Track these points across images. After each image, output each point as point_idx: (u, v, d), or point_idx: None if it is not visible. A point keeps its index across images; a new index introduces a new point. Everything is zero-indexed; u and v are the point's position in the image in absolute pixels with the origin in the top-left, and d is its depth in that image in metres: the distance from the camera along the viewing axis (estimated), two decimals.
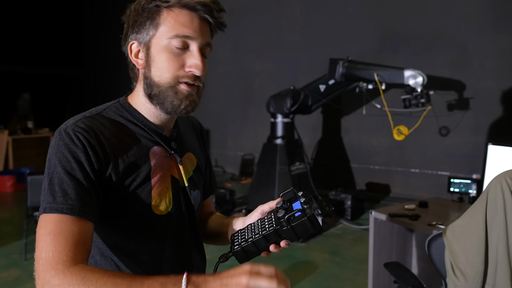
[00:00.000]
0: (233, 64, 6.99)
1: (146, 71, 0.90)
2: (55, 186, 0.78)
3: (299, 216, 0.84)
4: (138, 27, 0.89)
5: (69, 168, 0.79)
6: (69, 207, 0.77)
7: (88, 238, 0.78)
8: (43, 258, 0.72)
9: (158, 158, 0.92)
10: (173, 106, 0.89)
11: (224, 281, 0.68)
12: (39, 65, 9.18)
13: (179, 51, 0.87)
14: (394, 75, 4.26)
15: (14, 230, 4.51)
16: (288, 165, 4.70)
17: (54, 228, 0.74)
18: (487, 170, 2.39)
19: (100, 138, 0.85)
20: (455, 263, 1.49)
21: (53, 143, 0.83)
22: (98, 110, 0.92)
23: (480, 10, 4.73)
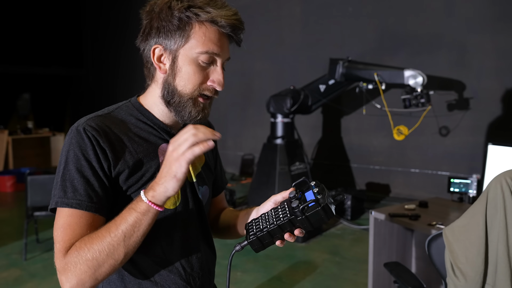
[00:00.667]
0: (233, 64, 6.97)
1: (169, 78, 0.93)
2: (66, 182, 0.85)
3: (313, 206, 0.84)
4: (165, 33, 0.91)
5: (79, 166, 0.85)
6: (77, 202, 0.84)
7: (96, 225, 0.85)
8: (56, 249, 0.83)
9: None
10: (190, 116, 0.93)
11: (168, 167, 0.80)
12: (39, 65, 9.19)
13: (205, 65, 0.92)
14: (394, 75, 4.26)
15: (14, 230, 4.51)
16: (288, 165, 4.70)
17: (64, 222, 0.84)
18: (487, 170, 2.39)
19: (109, 136, 0.89)
20: (455, 263, 1.49)
21: (67, 140, 0.89)
22: (110, 110, 0.96)
23: (480, 10, 4.73)
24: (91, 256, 0.79)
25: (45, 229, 4.42)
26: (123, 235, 0.80)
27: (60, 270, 0.81)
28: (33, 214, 3.60)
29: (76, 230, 0.83)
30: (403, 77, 4.17)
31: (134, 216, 0.81)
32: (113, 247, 0.80)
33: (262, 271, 3.42)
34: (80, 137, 0.87)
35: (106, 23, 9.54)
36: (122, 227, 0.81)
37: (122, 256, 0.82)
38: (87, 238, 0.81)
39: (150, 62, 0.95)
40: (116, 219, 0.82)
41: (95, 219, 0.85)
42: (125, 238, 0.81)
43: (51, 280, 3.30)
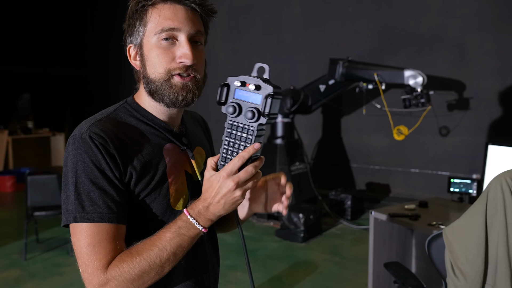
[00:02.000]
0: (233, 64, 6.99)
1: (142, 70, 0.93)
2: (82, 195, 0.82)
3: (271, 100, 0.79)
4: (131, 31, 0.93)
5: (93, 177, 0.83)
6: (99, 216, 0.82)
7: (121, 239, 0.85)
8: (87, 269, 0.81)
9: (172, 155, 0.95)
10: (171, 100, 0.90)
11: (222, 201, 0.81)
12: (39, 65, 9.18)
13: (168, 45, 0.89)
14: (394, 75, 4.26)
15: (14, 230, 4.51)
16: (288, 165, 4.70)
17: (91, 239, 0.81)
18: (487, 170, 2.39)
19: (115, 142, 0.86)
20: (455, 263, 1.49)
21: (71, 150, 0.85)
22: (108, 112, 0.94)
23: (480, 10, 4.73)
24: (136, 274, 0.80)
25: (45, 229, 4.42)
26: (173, 256, 0.83)
27: (100, 285, 0.80)
28: (33, 214, 3.60)
29: (107, 246, 0.82)
30: (403, 77, 4.17)
31: (186, 241, 0.83)
32: (161, 268, 0.82)
33: (262, 271, 3.42)
34: (87, 146, 0.83)
35: (106, 23, 9.54)
36: (172, 249, 0.82)
37: (167, 271, 0.84)
38: (129, 255, 0.81)
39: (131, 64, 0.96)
40: (164, 243, 0.82)
41: (119, 229, 0.84)
42: (174, 258, 0.83)
43: (51, 280, 3.31)
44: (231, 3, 6.95)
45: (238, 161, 0.80)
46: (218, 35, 7.15)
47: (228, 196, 0.80)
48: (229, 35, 7.06)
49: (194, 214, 0.83)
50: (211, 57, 7.41)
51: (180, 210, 0.93)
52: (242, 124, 0.82)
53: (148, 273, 0.81)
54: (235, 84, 0.83)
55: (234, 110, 0.82)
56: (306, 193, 4.84)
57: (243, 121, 0.82)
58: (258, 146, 0.81)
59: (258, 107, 0.80)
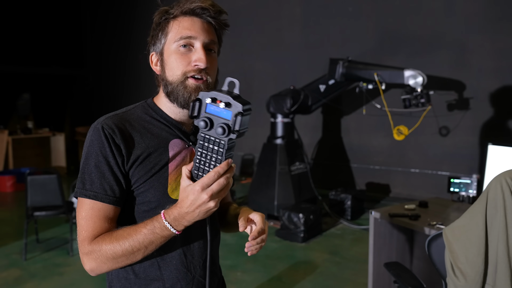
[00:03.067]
0: (233, 64, 6.99)
1: (162, 74, 1.04)
2: (85, 175, 0.98)
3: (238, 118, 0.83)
4: (154, 40, 1.05)
5: (97, 162, 0.97)
6: (94, 194, 0.96)
7: (111, 218, 0.98)
8: (81, 235, 0.97)
9: (177, 149, 1.05)
10: (184, 99, 1.01)
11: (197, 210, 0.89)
12: (39, 65, 9.18)
13: (185, 51, 1.01)
14: (394, 75, 4.26)
15: (14, 230, 4.51)
16: (288, 165, 4.70)
17: (86, 213, 0.97)
18: (487, 170, 2.39)
19: (124, 133, 0.99)
20: (455, 263, 1.49)
21: (88, 136, 1.00)
22: (128, 109, 1.07)
23: (480, 10, 4.73)
24: (111, 255, 0.94)
25: (45, 229, 4.42)
26: (144, 249, 0.94)
27: (84, 253, 0.96)
28: (33, 214, 3.60)
29: (96, 222, 0.96)
30: (403, 77, 4.17)
31: (158, 240, 0.93)
32: (133, 255, 0.94)
33: (262, 271, 3.42)
34: (98, 135, 0.97)
35: (106, 23, 9.54)
36: (145, 244, 0.93)
37: (138, 259, 0.96)
38: (111, 236, 0.94)
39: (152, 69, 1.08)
40: (139, 237, 0.93)
41: (112, 210, 0.98)
42: (145, 251, 0.95)
43: (51, 280, 3.31)
44: (231, 3, 6.95)
45: (213, 176, 0.87)
46: None
47: (202, 207, 0.89)
48: (229, 35, 7.03)
49: (169, 219, 0.92)
50: None
51: (175, 199, 1.00)
52: (214, 138, 0.87)
53: (120, 257, 0.94)
54: (206, 100, 0.87)
55: (205, 125, 0.87)
56: (306, 193, 4.84)
57: (214, 135, 0.87)
58: (230, 161, 0.89)
59: (229, 123, 0.84)
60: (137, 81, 8.19)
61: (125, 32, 8.80)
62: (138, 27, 8.19)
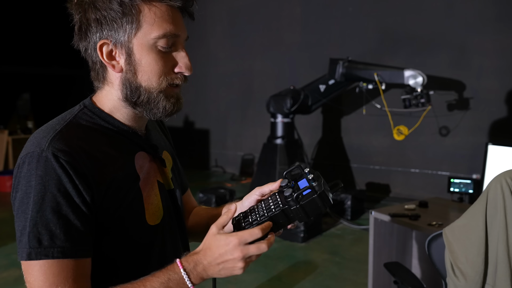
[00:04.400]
0: (233, 64, 6.99)
1: (128, 75, 0.80)
2: (38, 227, 0.71)
3: (309, 194, 0.77)
4: (108, 24, 0.77)
5: (54, 205, 0.70)
6: (60, 250, 0.70)
7: (87, 272, 0.75)
8: None
9: (143, 165, 0.86)
10: (165, 111, 0.82)
11: (221, 265, 0.75)
12: (39, 65, 9.18)
13: (166, 50, 0.80)
14: (394, 75, 4.26)
15: (14, 230, 4.51)
16: (288, 165, 4.70)
17: (54, 279, 0.70)
18: (487, 170, 2.39)
19: (83, 158, 0.74)
20: (455, 263, 1.49)
21: (27, 171, 0.72)
22: (66, 120, 0.80)
23: (480, 10, 4.73)
24: None
25: None
26: None
27: None
28: None
29: (74, 286, 0.71)
30: (403, 77, 4.17)
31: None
32: None
33: (262, 271, 3.42)
34: (50, 167, 0.70)
35: None
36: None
37: None
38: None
39: (98, 62, 0.82)
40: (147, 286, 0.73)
41: (85, 264, 0.74)
42: None
43: None
44: (231, 3, 6.94)
45: (258, 233, 0.74)
46: (218, 35, 7.15)
47: (229, 264, 0.75)
48: (229, 35, 7.06)
49: (188, 268, 0.74)
50: (211, 57, 7.43)
51: (154, 225, 0.85)
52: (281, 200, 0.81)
53: None
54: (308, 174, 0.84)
55: (289, 190, 0.81)
56: None
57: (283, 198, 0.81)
58: (273, 240, 0.78)
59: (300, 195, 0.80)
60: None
61: None
62: None
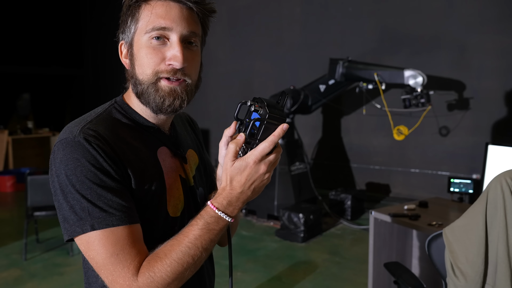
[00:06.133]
0: (233, 64, 6.99)
1: (131, 70, 0.86)
2: (92, 201, 0.75)
3: (260, 125, 0.80)
4: (122, 27, 0.87)
5: (98, 181, 0.76)
6: (118, 218, 0.76)
7: (142, 240, 0.80)
8: (119, 278, 0.75)
9: (166, 158, 0.90)
10: (156, 105, 0.84)
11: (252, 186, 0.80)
12: (39, 65, 9.18)
13: (158, 44, 0.82)
14: (394, 75, 4.26)
15: (14, 230, 4.51)
16: (288, 165, 4.70)
17: (114, 248, 0.75)
18: (487, 170, 2.39)
19: (111, 144, 0.80)
20: (455, 263, 1.49)
21: (63, 156, 0.76)
22: (97, 113, 0.86)
23: (480, 10, 4.73)
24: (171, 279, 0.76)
25: (45, 229, 4.42)
26: (205, 253, 0.80)
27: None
28: (33, 214, 3.60)
29: (131, 251, 0.76)
30: (403, 77, 4.17)
31: (214, 235, 0.80)
32: (194, 266, 0.79)
33: (262, 271, 3.42)
34: (84, 149, 0.76)
35: (106, 23, 9.54)
36: (203, 245, 0.79)
37: (199, 267, 0.81)
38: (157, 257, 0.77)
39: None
40: (194, 240, 0.78)
41: (138, 230, 0.79)
42: (205, 254, 0.80)
43: (51, 280, 3.30)
44: (231, 3, 6.94)
45: (269, 146, 0.79)
46: (218, 35, 7.14)
47: (259, 181, 0.80)
48: (229, 35, 7.06)
49: (222, 207, 0.79)
50: (211, 57, 7.43)
51: (175, 217, 0.89)
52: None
53: (182, 273, 0.77)
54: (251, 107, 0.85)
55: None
56: (306, 193, 4.84)
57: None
58: (286, 127, 0.81)
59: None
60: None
61: None
62: None
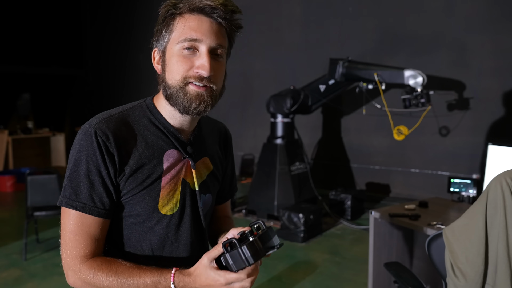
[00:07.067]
0: (233, 64, 6.97)
1: (162, 75, 0.96)
2: (72, 183, 0.90)
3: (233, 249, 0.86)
4: (157, 36, 0.96)
5: (86, 170, 0.89)
6: (82, 205, 0.89)
7: (102, 232, 0.93)
8: (67, 250, 0.92)
9: (172, 161, 0.98)
10: (184, 107, 0.93)
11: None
12: (39, 65, 9.18)
13: (189, 54, 0.91)
14: (394, 75, 4.26)
15: (14, 230, 4.51)
16: (288, 165, 4.70)
17: (74, 227, 0.90)
18: (487, 170, 2.39)
19: (118, 141, 0.91)
20: (455, 263, 1.49)
21: (77, 139, 0.92)
22: (124, 109, 0.99)
23: (480, 10, 4.73)
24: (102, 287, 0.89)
25: (45, 229, 4.42)
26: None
27: (72, 270, 0.90)
28: (33, 214, 3.60)
29: (87, 239, 0.90)
30: (403, 77, 4.17)
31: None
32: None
33: (262, 271, 3.42)
34: (90, 141, 0.89)
35: (106, 23, 9.54)
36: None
37: None
38: (109, 269, 0.89)
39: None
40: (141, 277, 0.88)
41: (101, 223, 0.91)
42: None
43: (51, 280, 3.30)
44: None
45: (242, 278, 0.84)
46: None
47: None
48: None
49: (178, 284, 0.87)
50: None
51: (166, 215, 0.97)
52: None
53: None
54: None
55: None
56: (306, 193, 4.84)
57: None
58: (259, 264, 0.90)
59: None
60: (137, 81, 8.18)
61: (125, 32, 8.79)
62: (138, 27, 8.19)
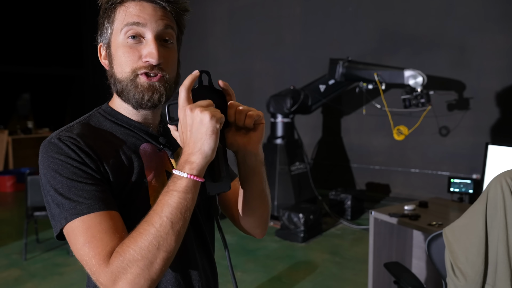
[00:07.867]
0: (233, 64, 6.99)
1: (111, 69, 0.90)
2: (64, 195, 0.78)
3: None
4: (100, 29, 0.91)
5: (68, 174, 0.79)
6: (86, 207, 0.77)
7: (117, 223, 0.78)
8: (93, 265, 0.74)
9: (149, 155, 0.91)
10: (136, 100, 0.87)
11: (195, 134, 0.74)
12: (39, 65, 9.18)
13: (134, 43, 0.85)
14: (394, 75, 4.26)
15: (14, 230, 4.51)
16: (288, 165, 4.70)
17: (86, 236, 0.75)
18: (487, 170, 2.39)
19: (87, 141, 0.83)
20: (455, 263, 1.49)
21: (41, 156, 0.84)
22: (80, 120, 0.92)
23: (480, 10, 4.73)
24: (140, 256, 0.71)
25: (45, 229, 4.42)
26: (170, 222, 0.72)
27: (108, 282, 0.71)
28: (33, 214, 3.60)
29: (103, 238, 0.75)
30: (403, 77, 4.17)
31: (176, 197, 0.74)
32: (162, 238, 0.72)
33: (262, 271, 3.42)
34: (58, 147, 0.81)
35: None
36: (165, 213, 0.73)
37: (174, 244, 0.73)
38: (127, 239, 0.73)
39: None
40: (155, 208, 0.74)
41: (113, 217, 0.78)
42: (172, 224, 0.73)
43: (51, 280, 3.30)
44: (231, 3, 6.94)
45: (184, 92, 0.76)
46: (218, 35, 7.15)
47: (195, 125, 0.74)
48: (229, 35, 7.06)
49: (178, 167, 0.75)
50: (211, 57, 7.44)
51: None
52: None
53: (150, 248, 0.71)
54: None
55: None
56: (306, 193, 4.84)
57: None
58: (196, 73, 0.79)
59: None
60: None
61: None
62: None
